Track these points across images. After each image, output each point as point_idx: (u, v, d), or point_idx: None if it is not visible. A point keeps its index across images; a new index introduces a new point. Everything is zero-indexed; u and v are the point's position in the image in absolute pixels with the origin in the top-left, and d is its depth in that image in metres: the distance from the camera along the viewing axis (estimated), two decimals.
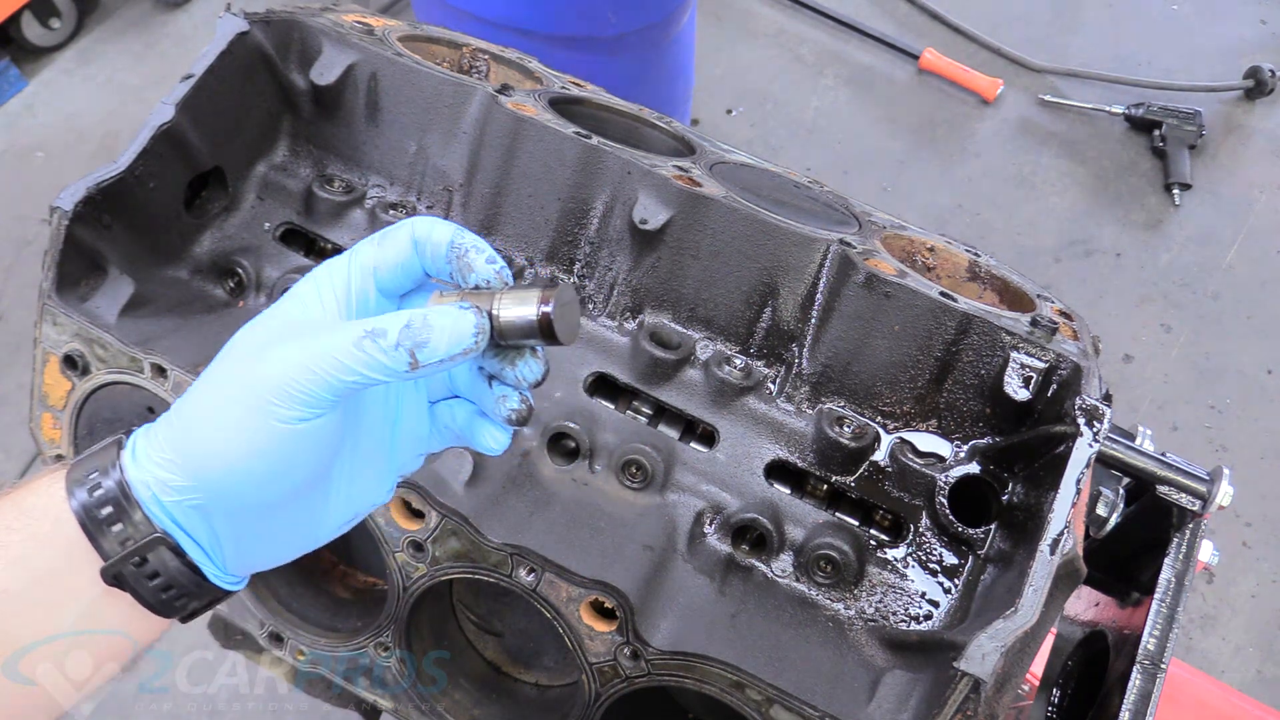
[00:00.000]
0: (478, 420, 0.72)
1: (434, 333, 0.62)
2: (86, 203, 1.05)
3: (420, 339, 0.61)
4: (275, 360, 0.62)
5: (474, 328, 0.62)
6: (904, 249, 1.19)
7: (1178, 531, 1.03)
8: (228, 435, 0.62)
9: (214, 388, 0.64)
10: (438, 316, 0.62)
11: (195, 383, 0.66)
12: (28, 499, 0.66)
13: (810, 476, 1.07)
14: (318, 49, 1.19)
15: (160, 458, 0.64)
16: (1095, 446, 0.90)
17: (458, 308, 0.63)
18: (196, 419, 0.64)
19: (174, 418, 0.65)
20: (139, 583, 0.65)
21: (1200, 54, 3.92)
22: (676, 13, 2.71)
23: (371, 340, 0.61)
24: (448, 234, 0.67)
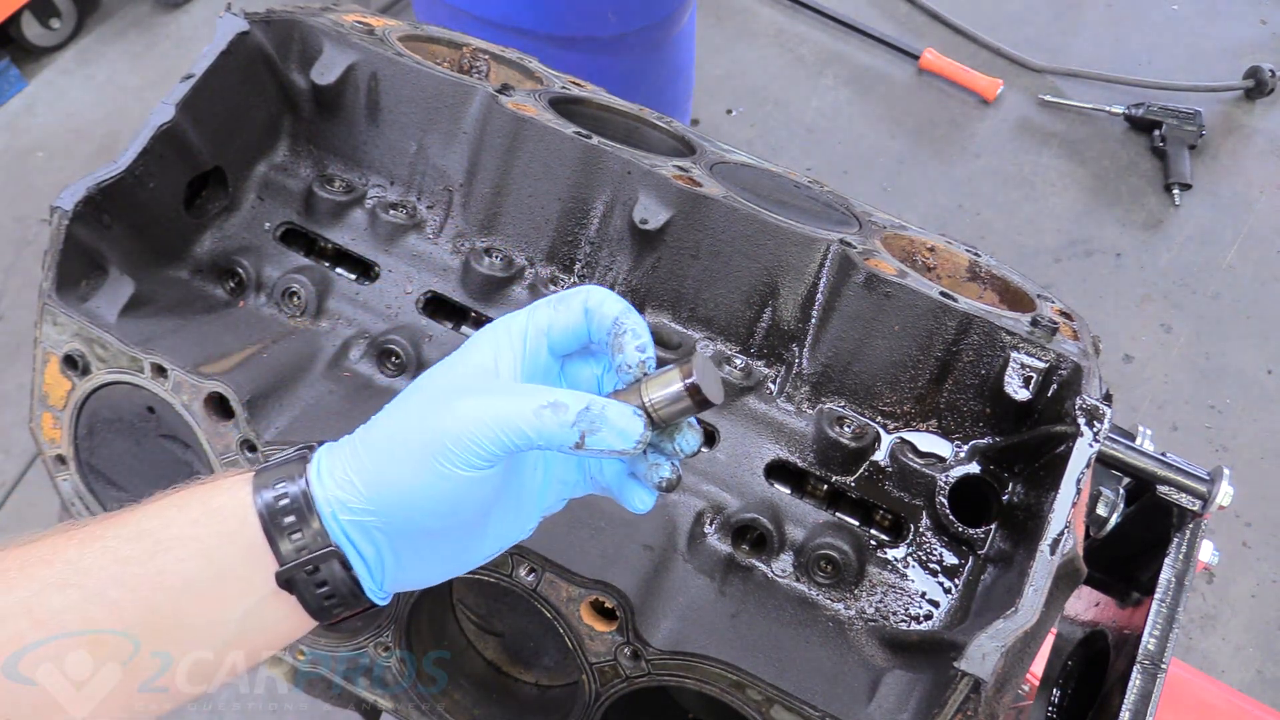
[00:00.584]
0: (628, 481, 0.77)
1: (606, 425, 0.67)
2: (87, 203, 1.05)
3: (594, 426, 0.67)
4: (458, 412, 0.67)
5: (639, 435, 0.68)
6: (904, 249, 1.19)
7: (1178, 531, 1.03)
8: (408, 473, 0.68)
9: (400, 427, 0.70)
10: (615, 411, 0.68)
11: (382, 415, 0.72)
12: (216, 498, 0.72)
13: (810, 476, 1.07)
14: (318, 49, 1.19)
15: (343, 479, 0.70)
16: (1095, 446, 0.90)
17: (633, 411, 0.69)
18: (382, 453, 0.70)
19: (360, 446, 0.71)
20: (306, 588, 0.71)
21: (1200, 54, 3.92)
22: (676, 13, 2.71)
23: (552, 412, 0.67)
24: (616, 309, 0.73)
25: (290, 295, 1.17)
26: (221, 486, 0.72)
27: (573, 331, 0.74)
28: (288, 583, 0.70)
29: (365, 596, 0.72)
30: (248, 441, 1.03)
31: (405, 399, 0.73)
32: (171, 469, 1.12)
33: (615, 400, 0.70)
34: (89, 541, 0.70)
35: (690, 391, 0.70)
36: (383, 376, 1.13)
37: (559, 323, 0.74)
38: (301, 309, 1.17)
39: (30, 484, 2.92)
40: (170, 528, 0.71)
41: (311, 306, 1.17)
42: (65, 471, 1.17)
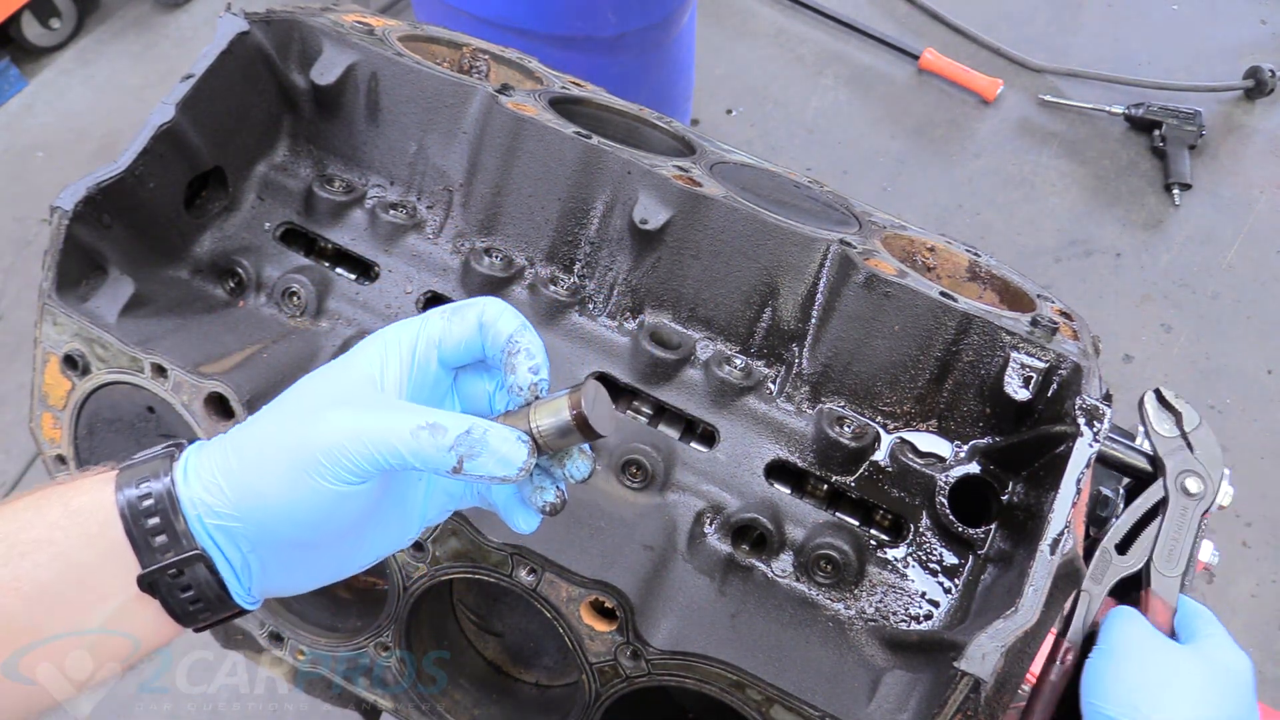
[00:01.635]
0: (513, 501, 0.76)
1: (487, 450, 0.65)
2: (87, 202, 1.05)
3: (473, 451, 0.65)
4: (332, 424, 0.65)
5: (521, 463, 0.66)
6: (904, 249, 1.19)
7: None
8: (275, 483, 0.65)
9: (272, 433, 0.67)
10: (496, 438, 0.65)
11: (258, 416, 0.69)
12: (76, 498, 0.69)
13: (810, 476, 1.07)
14: (318, 49, 1.19)
15: (210, 482, 0.67)
16: (1095, 446, 0.90)
17: (516, 438, 0.66)
18: (251, 459, 0.67)
19: (230, 448, 0.68)
20: (170, 592, 0.68)
21: (1200, 54, 3.92)
22: (676, 13, 2.71)
23: (430, 434, 0.64)
24: (511, 326, 0.71)
25: (290, 295, 1.17)
26: (82, 486, 0.69)
27: (465, 345, 0.72)
28: (150, 586, 0.67)
29: (233, 601, 0.70)
30: None
31: (282, 402, 0.70)
32: None
33: (500, 424, 0.67)
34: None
35: (577, 422, 0.68)
36: None
37: (452, 335, 0.72)
38: (301, 309, 1.17)
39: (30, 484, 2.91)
40: (27, 530, 0.67)
41: (311, 306, 1.17)
42: (65, 471, 1.17)
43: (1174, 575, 1.03)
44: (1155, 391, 1.08)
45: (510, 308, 0.72)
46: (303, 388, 0.70)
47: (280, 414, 0.69)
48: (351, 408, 0.66)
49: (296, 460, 0.65)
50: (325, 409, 0.66)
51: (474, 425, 0.65)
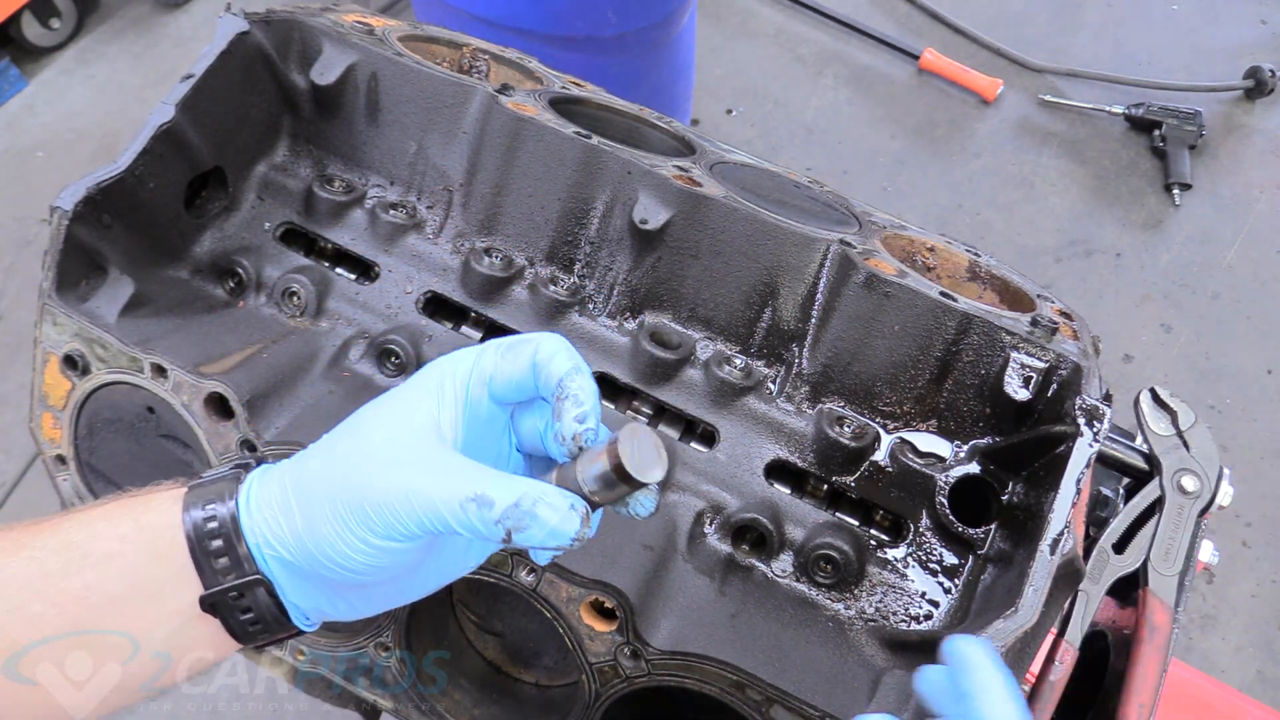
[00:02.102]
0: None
1: (536, 523, 0.64)
2: (86, 202, 1.05)
3: (522, 524, 0.64)
4: (388, 485, 0.65)
5: (574, 534, 0.64)
6: (904, 249, 1.19)
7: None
8: (329, 531, 0.66)
9: (330, 480, 0.67)
10: (546, 510, 0.64)
11: (318, 453, 0.70)
12: (146, 514, 0.71)
13: (810, 476, 1.07)
14: (318, 49, 1.19)
15: (271, 516, 0.69)
16: (1095, 446, 0.90)
17: (569, 507, 0.64)
18: (309, 503, 0.68)
19: (289, 485, 0.69)
20: (231, 613, 0.70)
21: (1200, 54, 3.92)
22: (676, 13, 2.71)
23: (477, 508, 0.63)
24: (563, 368, 0.69)
25: (290, 295, 1.17)
26: (152, 503, 0.71)
27: (517, 384, 0.71)
28: (212, 606, 0.69)
29: (290, 623, 0.72)
30: (248, 441, 1.03)
31: (343, 440, 0.70)
32: (171, 469, 1.12)
33: (552, 489, 0.65)
34: (13, 550, 0.69)
35: (618, 474, 0.65)
36: (382, 376, 1.13)
37: (503, 374, 0.71)
38: (301, 309, 1.17)
39: (30, 484, 2.92)
40: (97, 541, 0.69)
41: (311, 306, 1.17)
42: (65, 471, 1.17)
43: (1172, 574, 1.03)
44: (1150, 390, 1.08)
45: (566, 347, 0.70)
46: (364, 429, 0.70)
47: (340, 458, 0.69)
48: (406, 466, 0.66)
49: (353, 514, 0.65)
50: (382, 465, 0.66)
51: (523, 496, 0.64)
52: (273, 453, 1.02)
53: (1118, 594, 1.09)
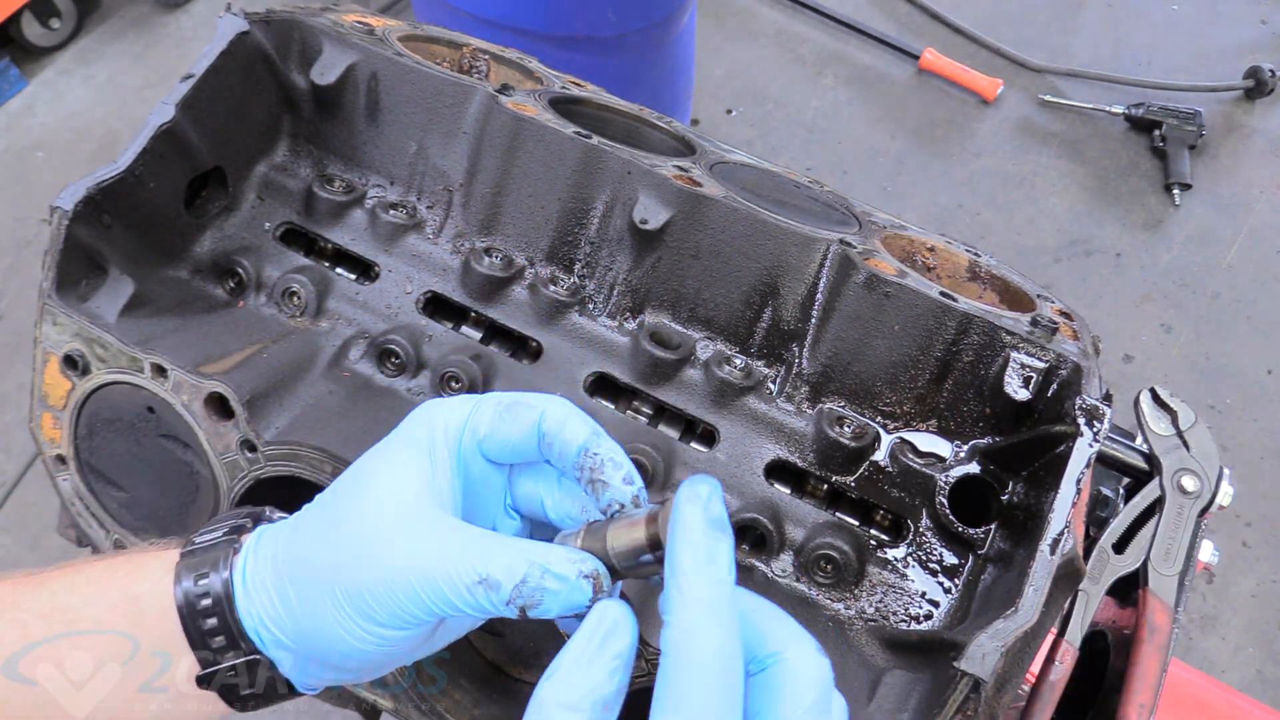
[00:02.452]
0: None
1: (547, 597, 0.60)
2: (87, 202, 1.05)
3: (533, 600, 0.60)
4: (388, 570, 0.61)
5: (588, 602, 0.60)
6: (904, 249, 1.19)
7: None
8: (332, 622, 0.63)
9: (324, 564, 0.63)
10: (555, 584, 0.60)
11: (307, 524, 0.66)
12: (137, 584, 0.68)
13: (810, 476, 1.07)
14: (318, 49, 1.19)
15: (267, 600, 0.65)
16: (1095, 446, 0.90)
17: (578, 575, 0.60)
18: (303, 590, 0.64)
19: (283, 567, 0.65)
20: (229, 688, 0.68)
21: (1200, 54, 3.92)
22: (676, 13, 2.71)
23: (485, 590, 0.60)
24: (582, 436, 0.65)
25: (290, 295, 1.17)
26: (144, 568, 0.68)
27: (514, 448, 0.66)
28: (208, 681, 0.67)
29: (292, 691, 0.69)
30: (248, 441, 1.03)
31: (333, 514, 0.65)
32: (171, 469, 1.12)
33: (559, 554, 0.61)
34: (0, 610, 0.66)
35: (653, 549, 0.61)
36: (382, 376, 1.13)
37: (500, 435, 0.66)
38: (301, 309, 1.17)
39: (30, 484, 2.92)
40: (87, 607, 0.67)
41: (311, 306, 1.17)
42: (65, 471, 1.17)
43: (1172, 574, 1.03)
44: (1150, 390, 1.08)
45: (576, 412, 0.66)
46: (359, 499, 0.64)
47: (335, 537, 0.64)
48: (407, 546, 0.61)
49: (351, 605, 0.62)
50: (382, 546, 0.62)
51: (530, 571, 0.60)
52: (273, 453, 1.02)
53: (1118, 594, 1.09)
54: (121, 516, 1.15)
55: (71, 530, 1.20)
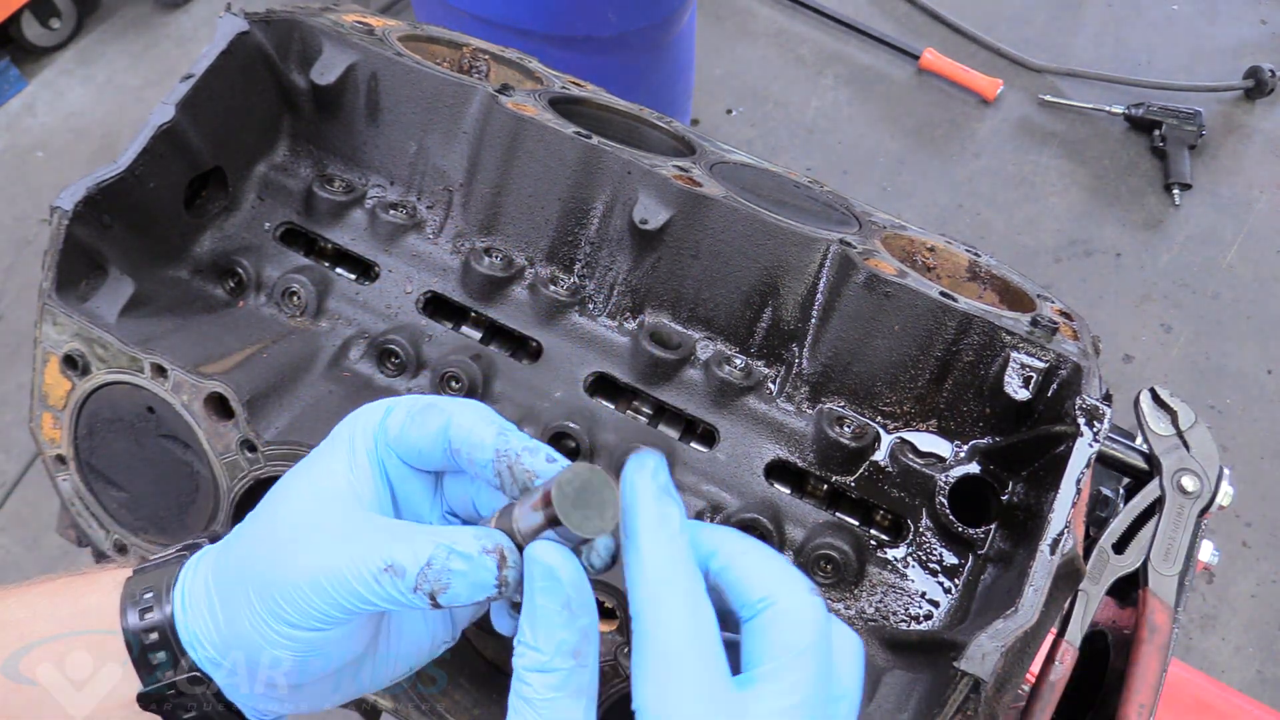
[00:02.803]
0: (501, 606, 0.68)
1: (454, 579, 0.57)
2: (87, 203, 1.05)
3: (440, 583, 0.57)
4: (294, 564, 0.59)
5: (494, 580, 0.58)
6: (904, 249, 1.19)
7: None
8: (249, 627, 0.61)
9: (244, 567, 0.62)
10: (460, 563, 0.57)
11: (237, 534, 0.64)
12: (87, 597, 0.68)
13: (810, 476, 1.07)
14: (318, 49, 1.19)
15: (201, 614, 0.64)
16: (1095, 446, 0.90)
17: (479, 551, 0.58)
18: (226, 596, 0.63)
19: (211, 578, 0.64)
20: (172, 711, 0.66)
21: (1200, 54, 3.92)
22: (677, 13, 2.71)
23: (390, 578, 0.57)
24: (489, 437, 0.61)
25: (290, 295, 1.17)
26: (96, 583, 0.68)
27: (423, 454, 0.64)
28: (153, 703, 0.66)
29: (237, 717, 0.67)
30: (248, 441, 1.03)
31: (260, 519, 0.64)
32: (172, 469, 1.12)
33: (465, 532, 0.59)
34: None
35: (549, 521, 0.58)
36: (382, 376, 1.13)
37: (409, 441, 0.64)
38: (301, 309, 1.17)
39: (30, 484, 2.92)
40: (37, 622, 0.67)
41: (311, 306, 1.17)
42: (65, 471, 1.17)
43: (1172, 574, 1.03)
44: (1150, 390, 1.08)
45: (486, 414, 0.63)
46: (278, 501, 0.64)
47: (253, 539, 0.63)
48: (314, 539, 0.60)
49: (262, 604, 0.60)
50: (289, 541, 0.60)
51: (435, 553, 0.57)
52: (273, 453, 1.02)
53: (1118, 594, 1.09)
54: (121, 516, 1.15)
55: (71, 530, 1.20)
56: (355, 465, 0.64)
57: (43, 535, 2.83)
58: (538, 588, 0.57)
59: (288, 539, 0.61)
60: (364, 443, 0.65)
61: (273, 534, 0.62)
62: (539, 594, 0.57)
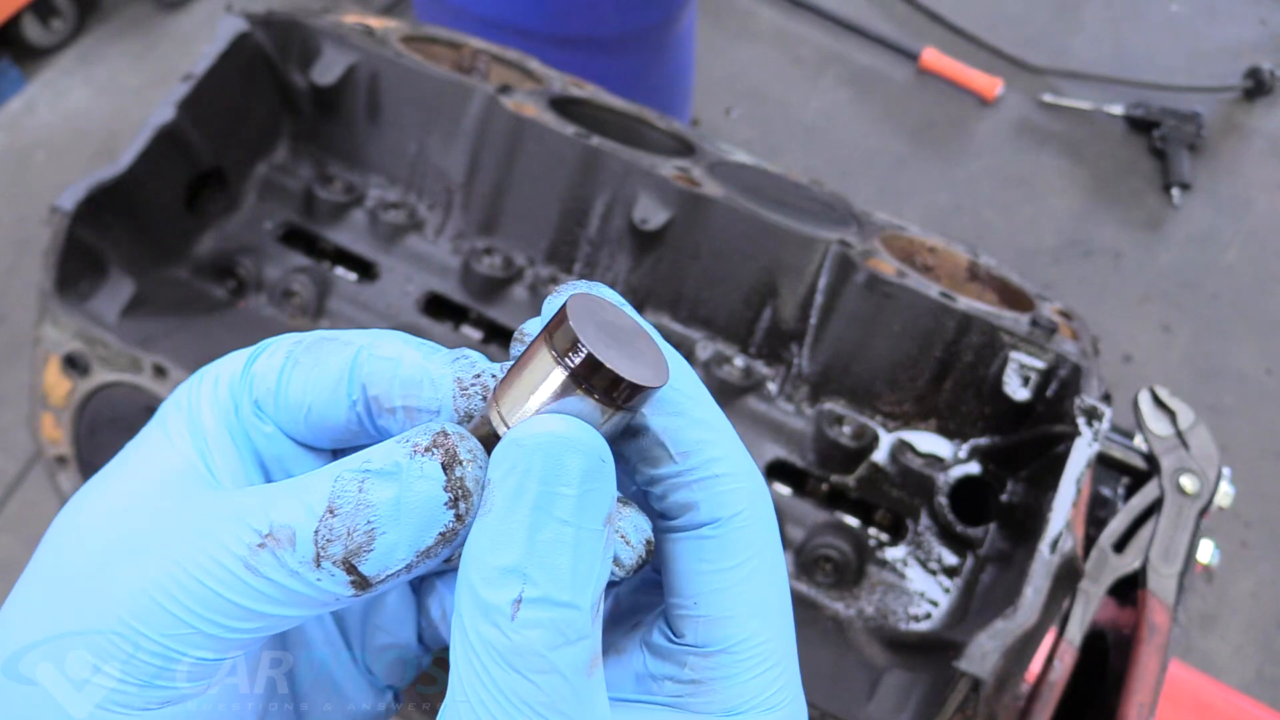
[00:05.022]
0: None
1: (380, 517, 0.34)
2: (87, 203, 1.05)
3: (359, 533, 0.34)
4: (108, 597, 0.35)
5: (442, 488, 0.34)
6: (904, 249, 1.19)
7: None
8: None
9: (35, 622, 0.38)
10: (382, 483, 0.34)
11: (23, 581, 0.40)
12: None
13: (810, 476, 1.07)
14: (318, 49, 1.19)
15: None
16: (1095, 446, 0.90)
17: (409, 451, 0.34)
18: (14, 677, 0.38)
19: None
20: None
21: (1200, 54, 3.92)
22: (677, 13, 2.71)
23: (272, 555, 0.34)
24: (440, 363, 0.38)
25: (290, 295, 1.17)
26: None
27: (313, 414, 0.38)
28: None
29: None
30: None
31: (37, 571, 0.39)
32: None
33: (385, 445, 0.35)
34: None
35: (584, 377, 0.33)
36: None
37: (292, 395, 0.38)
38: (302, 309, 1.17)
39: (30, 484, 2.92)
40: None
41: (312, 306, 1.17)
42: (66, 472, 1.17)
43: (1171, 574, 1.03)
44: (1150, 390, 1.08)
45: (410, 338, 0.39)
46: (79, 515, 0.39)
47: (36, 586, 0.39)
48: (141, 548, 0.35)
49: (72, 681, 0.36)
50: (97, 569, 0.36)
51: (338, 486, 0.34)
52: None
53: (1118, 594, 1.09)
54: None
55: None
56: (202, 441, 0.39)
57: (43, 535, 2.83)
58: (539, 476, 0.33)
59: (89, 565, 0.36)
60: (213, 408, 0.39)
61: (64, 565, 0.37)
62: (542, 486, 0.33)
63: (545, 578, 0.33)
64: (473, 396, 0.37)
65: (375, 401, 0.38)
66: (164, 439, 0.39)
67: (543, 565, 0.33)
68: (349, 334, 0.40)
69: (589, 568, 0.33)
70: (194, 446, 0.39)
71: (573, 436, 0.33)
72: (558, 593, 0.33)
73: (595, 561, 0.34)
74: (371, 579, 0.34)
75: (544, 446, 0.33)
